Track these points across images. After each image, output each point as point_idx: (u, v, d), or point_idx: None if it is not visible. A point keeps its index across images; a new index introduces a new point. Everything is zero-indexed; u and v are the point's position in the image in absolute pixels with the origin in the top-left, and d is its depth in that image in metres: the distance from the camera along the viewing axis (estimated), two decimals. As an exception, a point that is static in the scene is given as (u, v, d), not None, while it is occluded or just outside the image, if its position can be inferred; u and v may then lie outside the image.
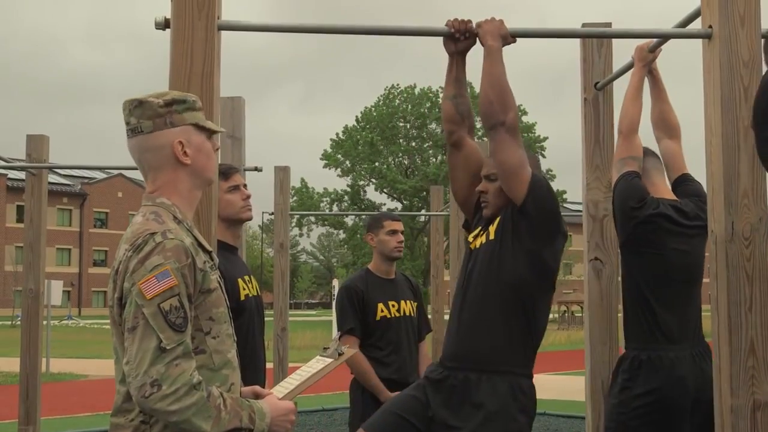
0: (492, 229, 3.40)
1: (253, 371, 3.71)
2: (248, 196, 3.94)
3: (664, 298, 3.75)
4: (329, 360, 2.64)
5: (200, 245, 2.31)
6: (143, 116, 2.30)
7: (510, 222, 3.34)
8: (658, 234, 3.74)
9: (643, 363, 3.71)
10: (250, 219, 4.03)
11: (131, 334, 2.12)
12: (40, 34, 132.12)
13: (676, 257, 3.76)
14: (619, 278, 4.05)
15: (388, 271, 5.03)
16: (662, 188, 3.92)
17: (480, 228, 3.52)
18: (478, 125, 16.57)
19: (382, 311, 4.86)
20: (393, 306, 4.92)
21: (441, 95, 3.57)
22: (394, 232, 4.96)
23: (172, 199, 2.33)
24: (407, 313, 4.97)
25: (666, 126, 4.12)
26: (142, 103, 2.31)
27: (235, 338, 2.39)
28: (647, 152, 3.95)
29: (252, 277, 3.99)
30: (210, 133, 2.40)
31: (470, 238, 3.56)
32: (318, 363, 2.63)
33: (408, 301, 5.01)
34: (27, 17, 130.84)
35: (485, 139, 4.09)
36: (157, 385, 2.07)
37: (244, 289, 3.83)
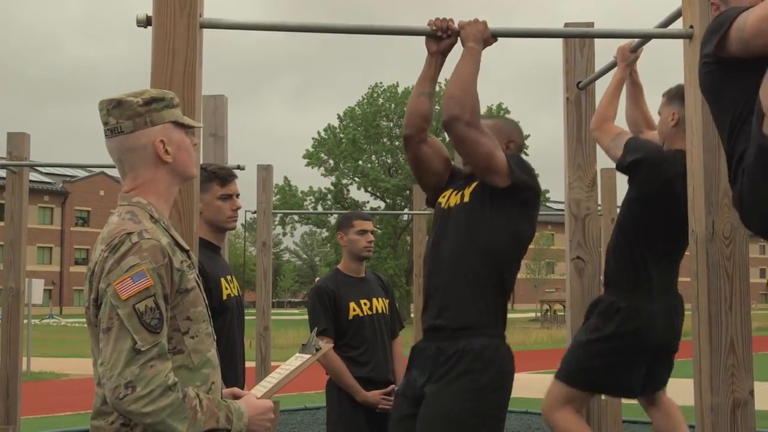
0: (468, 191, 3.36)
1: (233, 371, 3.71)
2: (238, 208, 3.95)
3: (660, 254, 3.82)
4: (307, 356, 2.64)
5: (177, 244, 2.29)
6: (122, 116, 2.28)
7: (488, 192, 3.30)
8: (680, 192, 3.71)
9: (621, 310, 3.79)
10: (233, 229, 4.06)
11: (106, 335, 2.10)
12: (34, 30, 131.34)
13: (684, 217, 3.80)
14: (602, 277, 4.07)
15: (358, 270, 5.02)
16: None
17: (452, 189, 3.47)
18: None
19: (354, 310, 4.84)
20: (365, 304, 4.90)
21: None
22: (363, 231, 4.95)
23: (149, 198, 2.30)
24: (380, 311, 4.96)
25: (647, 124, 4.15)
26: (121, 103, 2.29)
27: (215, 337, 2.38)
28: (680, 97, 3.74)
29: (233, 276, 3.99)
30: (188, 128, 2.38)
31: (441, 199, 3.50)
32: (297, 360, 2.64)
33: (380, 299, 5.00)
34: (24, 13, 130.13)
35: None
36: (132, 386, 2.05)
37: (226, 288, 3.83)
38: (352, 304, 4.85)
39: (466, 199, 3.36)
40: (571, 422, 3.81)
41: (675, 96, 3.88)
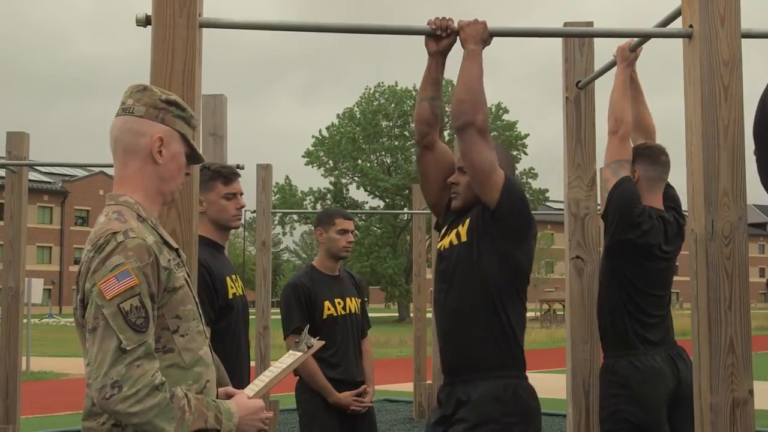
0: (462, 230, 3.34)
1: (239, 370, 3.71)
2: (242, 206, 3.95)
3: (648, 305, 3.87)
4: (299, 354, 2.65)
5: (166, 243, 2.28)
6: (141, 101, 2.30)
7: (481, 224, 3.28)
8: (653, 245, 3.83)
9: (624, 366, 3.83)
10: (237, 227, 4.06)
11: (92, 335, 2.09)
12: (43, 27, 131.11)
13: (664, 270, 3.93)
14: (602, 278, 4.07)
15: (333, 268, 4.97)
16: (657, 200, 3.97)
17: (447, 227, 3.46)
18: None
19: (328, 309, 4.81)
20: (339, 303, 4.86)
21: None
22: (344, 231, 4.90)
23: (136, 196, 2.29)
24: (352, 311, 4.93)
25: (642, 127, 4.16)
26: (146, 90, 2.32)
27: (207, 335, 2.36)
28: (660, 160, 3.96)
29: (237, 276, 3.99)
30: (190, 150, 2.38)
31: (439, 240, 3.50)
32: (289, 358, 2.65)
33: (353, 299, 4.97)
34: (33, 10, 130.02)
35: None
36: (118, 386, 2.03)
37: (231, 287, 3.84)
38: (327, 303, 4.81)
39: (464, 238, 3.32)
40: None
41: (634, 155, 3.96)
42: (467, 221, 3.35)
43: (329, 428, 4.74)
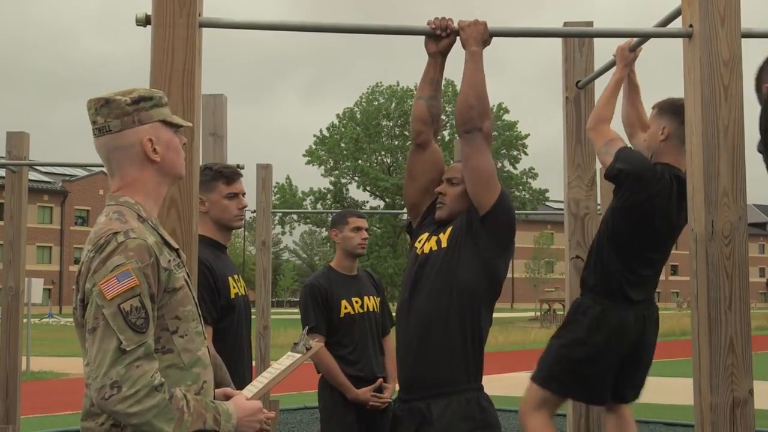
0: (444, 237, 3.34)
1: (240, 370, 3.71)
2: (244, 206, 3.96)
3: (641, 265, 3.88)
4: (298, 355, 2.64)
5: (166, 243, 2.27)
6: (111, 115, 2.27)
7: (467, 229, 3.29)
8: (663, 206, 3.80)
9: (591, 313, 3.85)
10: (240, 227, 4.07)
11: (92, 335, 2.09)
12: (49, 26, 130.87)
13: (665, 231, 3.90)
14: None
15: (351, 268, 5.04)
16: (682, 160, 3.80)
17: (428, 234, 3.45)
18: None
19: (345, 308, 4.88)
20: (356, 302, 4.93)
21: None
22: (358, 228, 4.98)
23: (137, 197, 2.29)
24: (371, 309, 4.99)
25: (641, 123, 4.16)
26: (109, 102, 2.27)
27: (206, 336, 2.36)
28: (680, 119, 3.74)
29: (240, 276, 4.00)
30: (176, 127, 2.37)
31: (417, 244, 3.48)
32: (288, 359, 2.63)
33: (371, 297, 5.03)
34: (39, 8, 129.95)
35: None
36: (117, 386, 2.03)
37: (233, 287, 3.84)
38: (344, 302, 4.88)
39: (444, 244, 3.33)
40: (542, 429, 3.81)
41: (666, 109, 3.92)
42: (449, 229, 3.35)
43: (347, 425, 4.81)
